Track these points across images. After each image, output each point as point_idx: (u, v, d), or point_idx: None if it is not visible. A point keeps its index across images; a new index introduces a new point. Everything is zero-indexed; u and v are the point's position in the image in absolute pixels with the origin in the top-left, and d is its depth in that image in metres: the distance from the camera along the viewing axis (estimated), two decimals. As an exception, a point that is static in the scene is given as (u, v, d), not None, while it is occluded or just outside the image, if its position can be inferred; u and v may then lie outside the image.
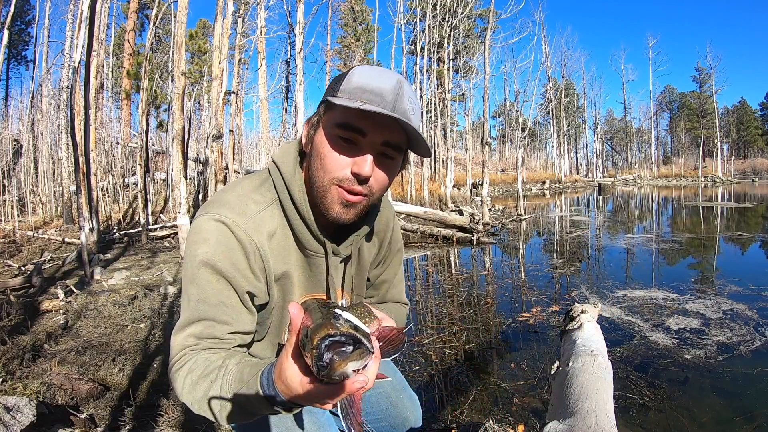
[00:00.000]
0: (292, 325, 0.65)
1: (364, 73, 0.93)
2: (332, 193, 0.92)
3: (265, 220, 0.96)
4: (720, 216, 13.74)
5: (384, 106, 0.88)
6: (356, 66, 0.96)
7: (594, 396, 1.46)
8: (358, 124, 0.89)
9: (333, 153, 0.91)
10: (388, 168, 0.96)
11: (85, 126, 6.33)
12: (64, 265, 6.14)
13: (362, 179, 0.91)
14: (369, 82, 0.90)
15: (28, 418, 1.87)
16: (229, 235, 0.90)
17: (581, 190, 31.39)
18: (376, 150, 0.92)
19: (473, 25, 31.07)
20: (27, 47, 29.44)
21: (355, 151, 0.91)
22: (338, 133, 0.90)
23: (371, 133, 0.90)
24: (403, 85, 0.93)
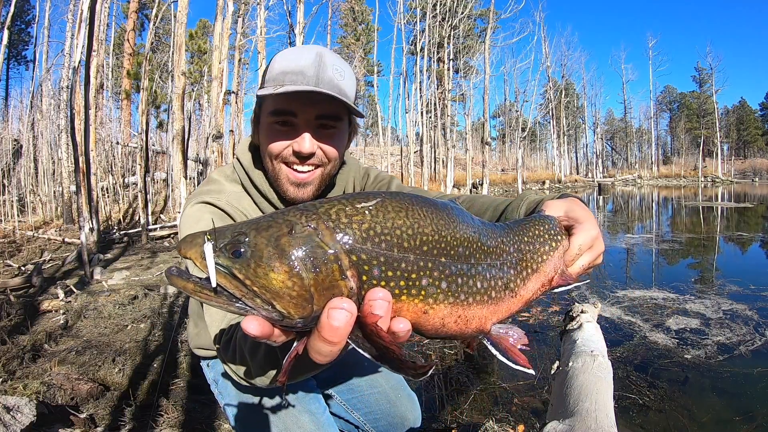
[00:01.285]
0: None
1: (284, 57, 0.97)
2: (283, 173, 0.99)
3: (241, 200, 1.06)
4: (720, 216, 13.74)
5: (306, 82, 0.92)
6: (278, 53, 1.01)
7: (594, 396, 1.46)
8: (287, 107, 0.94)
9: (274, 140, 0.97)
10: (332, 138, 1.00)
11: (85, 126, 6.33)
12: (64, 265, 6.14)
13: (304, 155, 0.96)
14: (288, 64, 0.94)
15: (28, 418, 1.87)
16: (215, 209, 1.00)
17: (581, 190, 31.40)
18: (312, 125, 0.96)
19: (473, 25, 31.09)
20: (27, 47, 29.46)
21: (293, 133, 0.96)
22: (272, 120, 0.97)
23: (302, 112, 0.95)
24: (323, 56, 0.95)
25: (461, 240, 0.57)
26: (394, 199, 0.54)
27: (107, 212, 10.72)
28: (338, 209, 0.51)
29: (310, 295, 0.48)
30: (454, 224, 0.57)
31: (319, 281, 0.48)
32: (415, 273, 0.52)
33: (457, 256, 0.56)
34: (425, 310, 0.53)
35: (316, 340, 0.48)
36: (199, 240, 0.49)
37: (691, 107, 51.26)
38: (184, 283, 0.48)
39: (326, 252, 0.48)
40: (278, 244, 0.48)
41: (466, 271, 0.57)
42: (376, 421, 1.42)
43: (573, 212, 0.77)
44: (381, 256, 0.50)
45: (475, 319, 0.59)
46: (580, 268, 0.74)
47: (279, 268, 0.47)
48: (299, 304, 0.48)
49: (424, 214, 0.55)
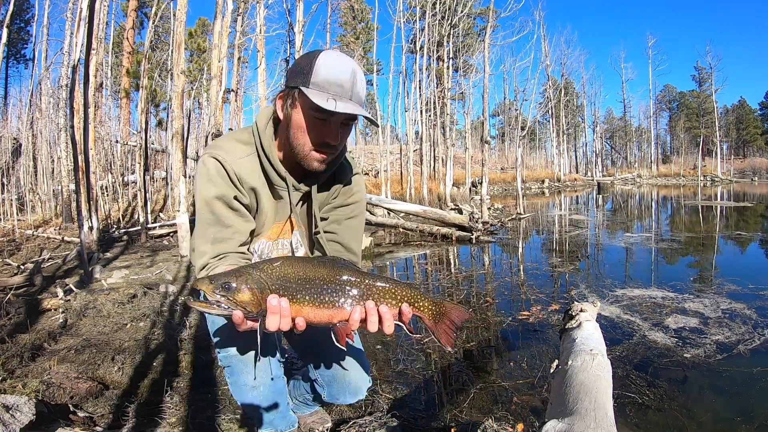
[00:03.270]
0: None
1: (328, 66, 1.27)
2: (313, 155, 1.35)
3: (245, 164, 1.39)
4: (719, 215, 13.74)
5: (344, 94, 1.27)
6: (319, 54, 1.30)
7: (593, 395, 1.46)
8: (330, 110, 1.27)
9: (312, 129, 1.32)
10: (346, 132, 1.39)
11: (85, 124, 6.32)
12: (63, 264, 6.14)
13: (332, 145, 1.35)
14: (333, 75, 1.26)
15: (28, 417, 1.87)
16: (222, 169, 1.36)
17: (580, 189, 31.41)
18: (340, 124, 1.33)
19: (473, 24, 31.04)
20: (26, 45, 29.39)
21: (326, 126, 1.32)
22: (315, 114, 1.29)
23: (338, 116, 1.29)
24: (356, 73, 1.30)
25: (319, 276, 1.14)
26: (288, 261, 1.16)
27: (106, 211, 10.71)
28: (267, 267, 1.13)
29: (260, 301, 1.09)
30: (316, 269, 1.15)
31: (262, 297, 1.09)
32: (295, 291, 1.12)
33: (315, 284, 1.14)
34: (300, 309, 1.12)
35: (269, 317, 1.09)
36: (206, 281, 1.10)
37: (691, 106, 51.25)
38: (199, 305, 1.13)
39: (265, 285, 1.10)
40: (246, 282, 1.09)
41: (319, 291, 1.13)
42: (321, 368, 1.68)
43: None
44: (283, 285, 1.12)
45: (325, 316, 1.14)
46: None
47: (248, 292, 1.09)
48: (256, 306, 1.10)
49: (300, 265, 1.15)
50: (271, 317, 1.07)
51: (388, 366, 3.05)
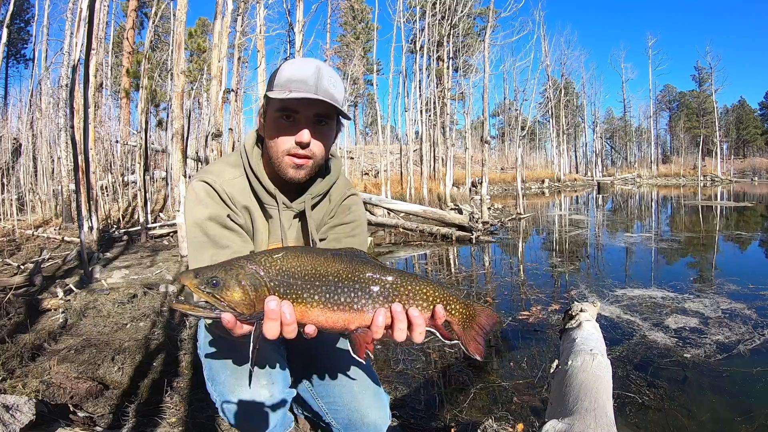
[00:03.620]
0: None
1: (290, 67, 1.26)
2: (285, 161, 1.28)
3: (235, 184, 1.34)
4: (719, 215, 13.74)
5: (307, 89, 1.21)
6: (284, 62, 1.31)
7: (593, 394, 1.46)
8: (292, 106, 1.24)
9: (280, 131, 1.26)
10: (323, 133, 1.30)
11: (85, 124, 6.31)
12: (63, 264, 6.14)
13: (304, 145, 1.25)
14: (294, 73, 1.24)
15: (28, 417, 1.87)
16: (212, 191, 1.30)
17: (580, 189, 31.41)
18: (310, 121, 1.26)
19: (473, 24, 31.03)
20: (26, 45, 29.39)
21: (294, 125, 1.26)
22: (279, 115, 1.25)
23: (303, 110, 1.24)
24: (321, 69, 1.26)
25: (331, 272, 0.96)
26: (291, 252, 0.98)
27: (107, 211, 10.71)
28: (265, 259, 0.96)
29: (254, 303, 0.93)
30: (327, 263, 0.97)
31: (257, 296, 0.93)
32: (300, 290, 0.95)
33: (327, 281, 0.95)
34: (306, 311, 0.95)
35: (266, 322, 0.92)
36: (190, 275, 0.93)
37: (691, 106, 51.22)
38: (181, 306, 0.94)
39: (260, 281, 0.93)
40: (237, 278, 0.93)
41: (333, 290, 0.95)
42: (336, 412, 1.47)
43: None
44: (284, 282, 0.94)
45: (339, 320, 0.96)
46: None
47: (238, 290, 0.92)
48: (249, 308, 0.93)
49: (308, 258, 0.97)
50: (269, 323, 0.91)
51: (388, 366, 3.06)
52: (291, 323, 0.93)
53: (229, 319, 0.91)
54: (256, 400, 1.31)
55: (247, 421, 1.33)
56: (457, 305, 1.06)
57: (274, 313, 0.90)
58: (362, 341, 0.98)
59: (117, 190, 12.09)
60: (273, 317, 0.91)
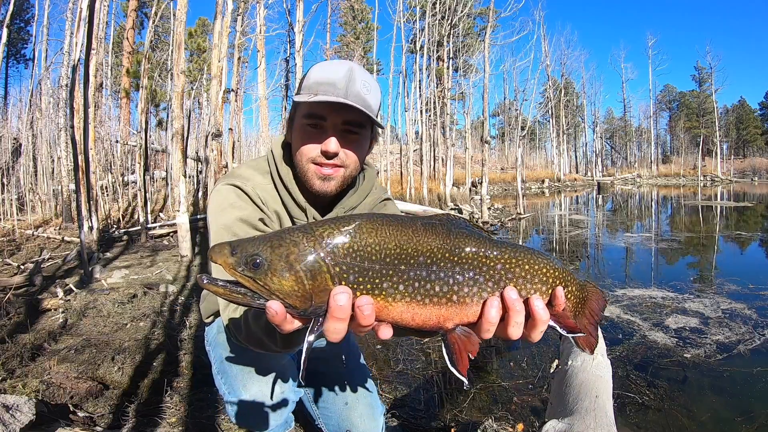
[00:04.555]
0: None
1: (319, 69, 1.15)
2: (311, 171, 1.17)
3: (268, 191, 1.24)
4: (719, 215, 13.74)
5: (337, 93, 1.09)
6: (315, 64, 1.19)
7: (593, 394, 1.47)
8: (319, 111, 1.13)
9: (305, 139, 1.16)
10: (354, 143, 1.18)
11: (85, 124, 6.31)
12: (63, 264, 6.13)
13: (330, 155, 1.14)
14: (323, 76, 1.12)
15: (28, 417, 1.87)
16: (241, 192, 1.20)
17: (580, 189, 31.40)
18: (338, 129, 1.14)
19: (473, 24, 31.04)
20: (26, 45, 29.40)
21: (321, 134, 1.14)
22: (305, 122, 1.15)
23: (330, 117, 1.13)
24: (353, 72, 1.13)
25: (422, 251, 0.71)
26: (368, 222, 0.71)
27: (107, 211, 10.70)
28: (329, 232, 0.69)
29: (310, 295, 0.68)
30: (417, 238, 0.71)
31: (315, 286, 0.68)
32: (378, 278, 0.69)
33: (417, 264, 0.70)
34: (385, 306, 0.69)
35: (329, 322, 0.67)
36: (225, 251, 0.69)
37: (691, 106, 51.22)
38: (215, 287, 0.69)
39: (321, 266, 0.68)
40: (288, 260, 0.68)
41: (424, 276, 0.70)
42: (328, 418, 1.48)
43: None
44: (355, 266, 0.68)
45: (432, 316, 0.72)
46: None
47: (289, 277, 0.67)
48: (303, 301, 0.68)
49: (390, 232, 0.70)
50: (335, 323, 0.67)
51: (388, 366, 3.05)
52: (368, 324, 0.68)
53: (276, 312, 0.67)
54: (265, 400, 1.30)
55: (253, 419, 1.34)
56: (574, 287, 0.83)
57: (343, 311, 0.66)
58: (464, 347, 0.74)
59: (117, 190, 12.09)
60: (341, 316, 0.66)
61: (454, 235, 0.73)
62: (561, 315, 0.79)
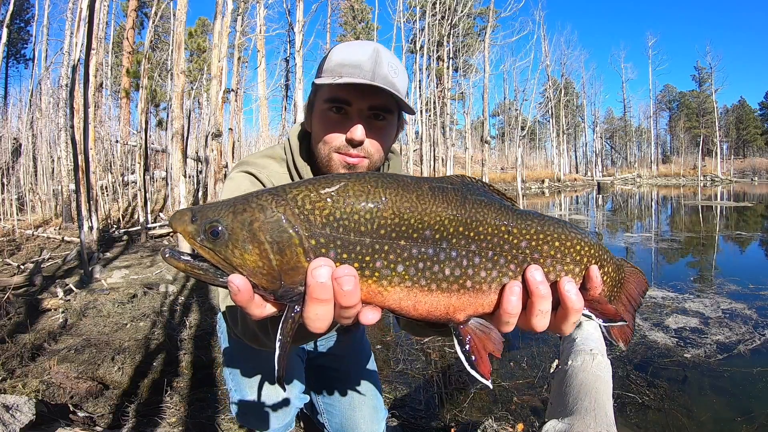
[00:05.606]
0: None
1: (342, 49, 1.04)
2: (335, 161, 1.06)
3: (283, 180, 1.14)
4: (719, 215, 13.74)
5: (363, 75, 0.98)
6: (337, 45, 1.08)
7: (593, 394, 1.46)
8: (343, 95, 1.02)
9: (328, 127, 1.05)
10: (380, 130, 1.07)
11: (85, 124, 6.32)
12: (63, 264, 6.13)
13: (356, 143, 1.03)
14: (346, 57, 1.01)
15: (28, 417, 1.87)
16: (255, 179, 1.12)
17: (580, 189, 31.40)
18: (364, 115, 1.04)
19: (473, 24, 31.04)
20: (26, 45, 29.41)
21: (345, 120, 1.04)
22: (327, 107, 1.04)
23: (356, 102, 1.02)
24: (380, 53, 1.02)
25: (429, 222, 0.55)
26: (357, 182, 0.56)
27: (107, 210, 10.70)
28: (304, 195, 0.55)
29: (278, 273, 0.54)
30: (423, 206, 0.56)
31: (284, 262, 0.54)
32: (369, 256, 0.54)
33: (422, 239, 0.55)
34: (379, 291, 0.55)
35: (309, 306, 0.53)
36: (185, 217, 0.57)
37: (691, 106, 51.23)
38: (176, 262, 0.56)
39: (291, 236, 0.53)
40: (251, 229, 0.54)
41: (431, 255, 0.56)
42: (331, 415, 1.47)
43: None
44: (338, 240, 0.53)
45: (439, 306, 0.57)
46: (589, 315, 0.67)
47: (252, 250, 0.54)
48: (270, 281, 0.54)
49: (387, 196, 0.55)
50: (315, 306, 0.53)
51: (388, 366, 3.05)
52: (350, 304, 0.53)
53: (239, 288, 0.53)
54: (270, 403, 1.28)
55: (255, 420, 1.33)
56: (610, 267, 0.69)
57: (325, 290, 0.52)
58: (482, 345, 0.60)
59: (117, 190, 12.09)
60: (322, 296, 0.52)
61: (470, 203, 0.58)
62: (597, 300, 0.65)
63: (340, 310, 0.54)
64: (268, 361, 1.24)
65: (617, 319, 0.66)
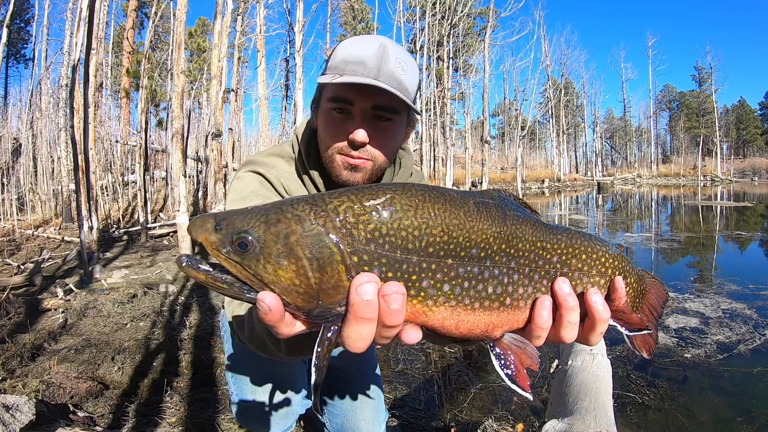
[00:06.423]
0: None
1: (347, 45, 1.00)
2: (337, 161, 1.03)
3: (293, 180, 1.13)
4: (719, 215, 13.74)
5: (366, 73, 0.94)
6: (344, 40, 1.04)
7: (593, 394, 1.46)
8: (345, 95, 0.98)
9: (330, 126, 1.02)
10: (385, 132, 1.02)
11: (85, 124, 6.32)
12: (63, 264, 6.13)
13: (357, 145, 0.99)
14: (350, 53, 0.97)
15: (28, 417, 1.87)
16: (263, 180, 1.09)
17: (580, 189, 31.40)
18: (368, 115, 1.00)
19: (473, 24, 31.04)
20: (26, 45, 29.42)
21: (348, 120, 1.00)
22: (331, 106, 1.01)
23: (358, 101, 0.98)
24: (387, 49, 0.98)
25: (476, 240, 0.54)
26: (404, 196, 0.52)
27: (107, 210, 10.70)
28: (346, 207, 0.51)
29: (317, 292, 0.50)
30: (471, 223, 0.54)
31: (324, 281, 0.49)
32: (416, 275, 0.51)
33: (468, 258, 0.54)
34: (423, 311, 0.53)
35: (351, 325, 0.50)
36: (208, 225, 0.52)
37: (691, 106, 51.24)
38: (195, 273, 0.51)
39: (332, 253, 0.49)
40: (287, 243, 0.49)
41: (476, 274, 0.54)
42: (333, 415, 1.47)
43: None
44: (383, 257, 0.50)
45: (480, 324, 0.57)
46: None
47: (287, 266, 0.49)
48: (306, 300, 0.50)
49: (436, 212, 0.52)
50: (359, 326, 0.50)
51: (388, 366, 3.05)
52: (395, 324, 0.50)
53: (270, 308, 0.50)
54: (271, 409, 1.27)
55: (255, 424, 1.32)
56: (632, 278, 0.71)
57: (370, 308, 0.48)
58: (518, 360, 0.60)
59: (117, 190, 12.08)
60: (367, 315, 0.49)
61: (510, 219, 0.58)
62: (622, 310, 0.67)
63: (383, 329, 0.51)
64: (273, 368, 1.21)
65: (642, 328, 0.68)
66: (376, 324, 0.50)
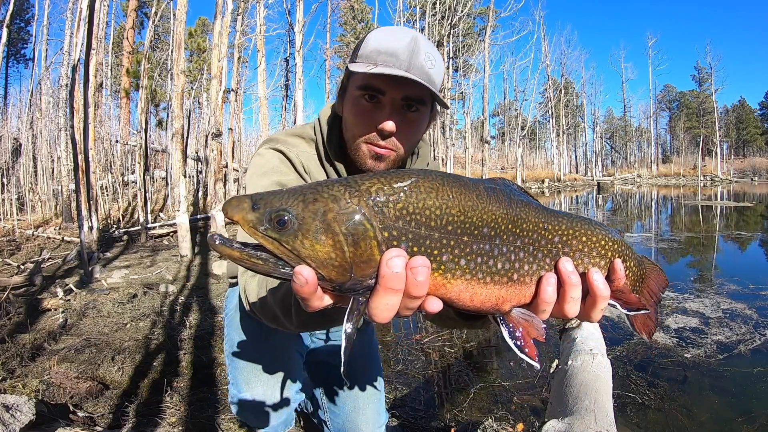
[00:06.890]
0: None
1: (379, 36, 1.02)
2: (363, 150, 1.05)
3: (312, 161, 1.15)
4: (719, 215, 13.74)
5: (398, 65, 0.97)
6: (373, 30, 1.06)
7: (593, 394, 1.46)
8: (377, 84, 1.00)
9: (359, 115, 1.04)
10: (412, 122, 1.05)
11: (85, 124, 6.31)
12: (63, 264, 6.13)
13: (386, 134, 1.02)
14: (383, 44, 0.99)
15: (28, 417, 1.87)
16: (284, 157, 1.11)
17: (580, 189, 31.40)
18: (397, 105, 1.02)
19: (473, 24, 31.05)
20: (26, 45, 29.42)
21: (377, 109, 1.02)
22: (360, 94, 1.02)
23: (390, 91, 1.00)
24: (418, 42, 1.00)
25: (487, 221, 0.60)
26: (426, 179, 0.58)
27: (107, 210, 10.70)
28: (378, 188, 0.56)
29: (350, 265, 0.54)
30: (482, 205, 0.60)
31: (358, 254, 0.54)
32: (437, 250, 0.57)
33: (481, 236, 0.60)
34: (443, 284, 0.58)
35: (379, 296, 0.54)
36: (245, 204, 0.55)
37: (691, 106, 51.26)
38: (229, 250, 0.55)
39: (366, 229, 0.54)
40: (325, 219, 0.54)
41: (487, 250, 0.60)
42: (334, 414, 1.48)
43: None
44: (410, 233, 0.55)
45: (492, 297, 0.62)
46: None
47: (325, 241, 0.54)
48: (340, 273, 0.54)
49: (453, 194, 0.59)
50: (387, 296, 0.54)
51: (388, 366, 3.05)
52: (420, 295, 0.55)
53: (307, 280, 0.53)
54: (268, 401, 1.28)
55: (253, 417, 1.33)
56: (632, 262, 0.76)
57: (399, 280, 0.53)
58: (526, 332, 0.64)
59: (117, 190, 12.08)
60: (395, 286, 0.53)
61: (515, 203, 0.64)
62: (621, 290, 0.72)
63: (407, 300, 0.55)
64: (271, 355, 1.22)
65: (641, 308, 0.72)
66: (401, 295, 0.54)
